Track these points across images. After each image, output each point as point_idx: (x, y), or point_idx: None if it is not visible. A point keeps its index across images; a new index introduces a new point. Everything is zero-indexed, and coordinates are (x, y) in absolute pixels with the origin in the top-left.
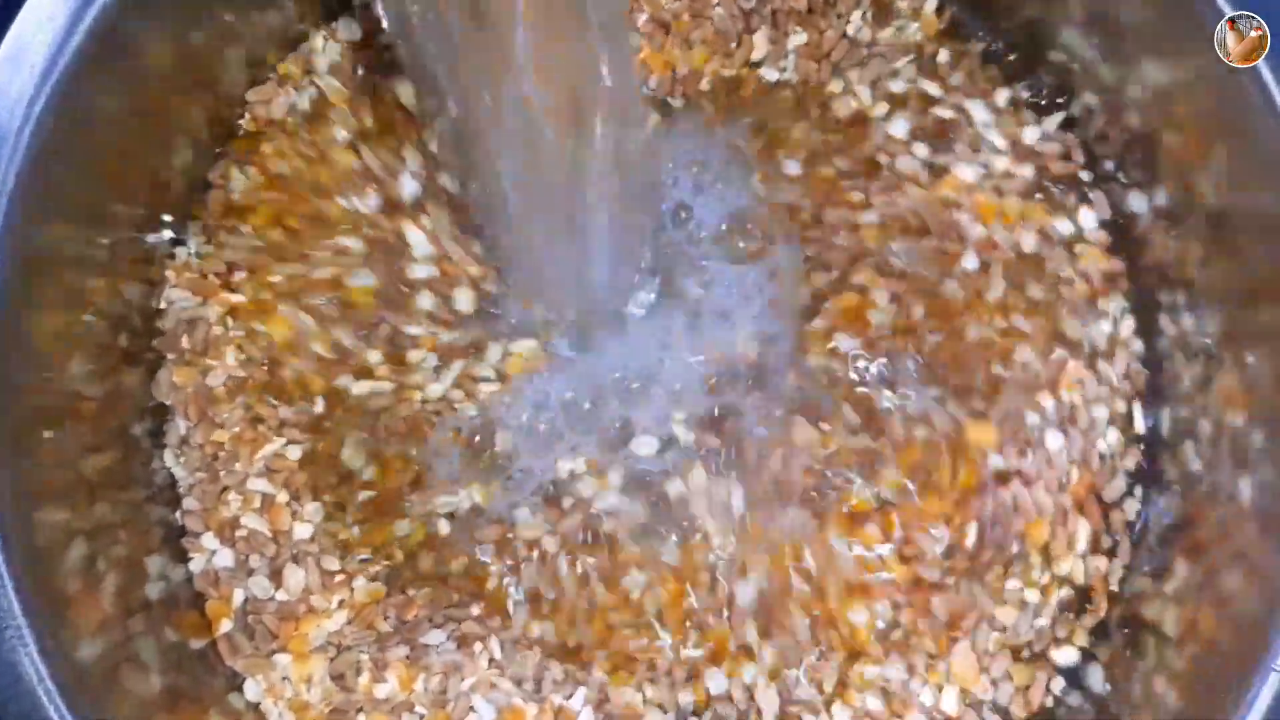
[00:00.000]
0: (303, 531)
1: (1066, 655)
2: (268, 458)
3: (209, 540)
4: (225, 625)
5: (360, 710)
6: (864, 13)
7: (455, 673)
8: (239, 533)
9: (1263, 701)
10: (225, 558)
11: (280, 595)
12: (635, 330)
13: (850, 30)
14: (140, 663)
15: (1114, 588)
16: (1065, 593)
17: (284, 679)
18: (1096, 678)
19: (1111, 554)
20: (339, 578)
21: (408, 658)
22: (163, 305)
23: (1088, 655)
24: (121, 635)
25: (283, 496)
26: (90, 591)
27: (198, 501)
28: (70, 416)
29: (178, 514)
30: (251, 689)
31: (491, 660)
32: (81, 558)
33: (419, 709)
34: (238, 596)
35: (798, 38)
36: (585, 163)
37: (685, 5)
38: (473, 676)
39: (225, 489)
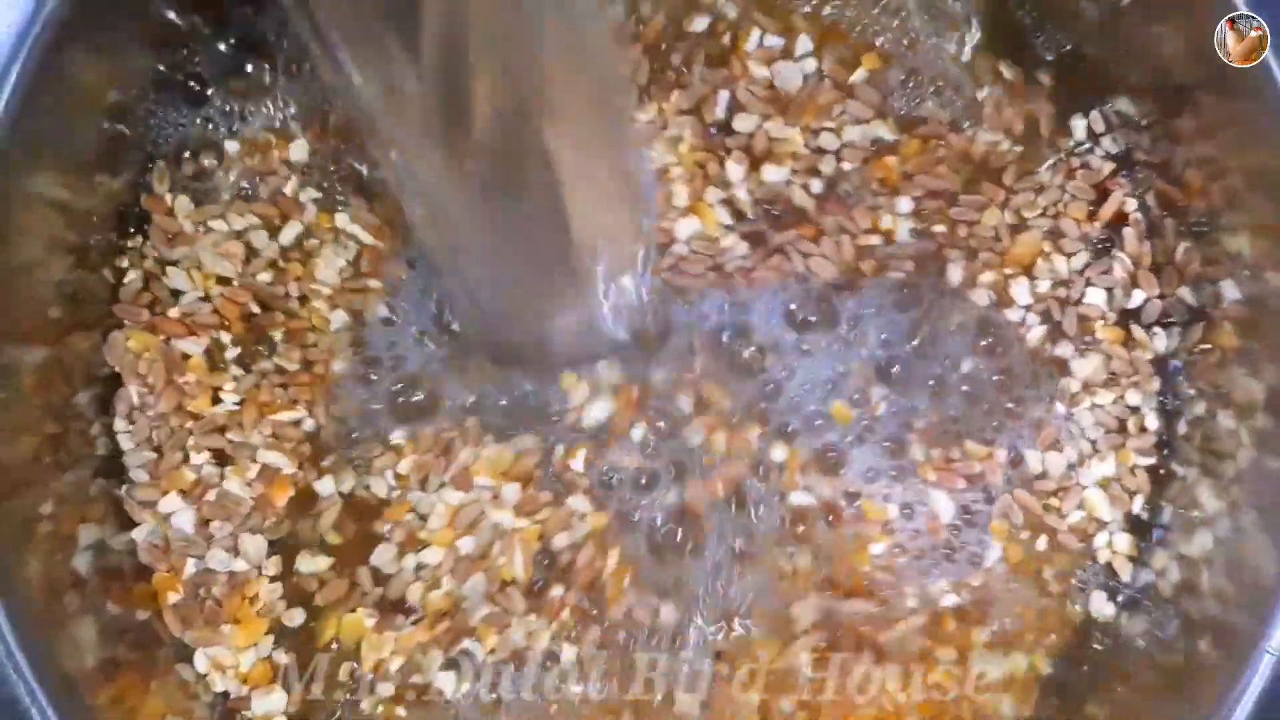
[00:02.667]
0: None
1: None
2: (278, 424)
3: (166, 505)
4: (173, 597)
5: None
6: None
7: None
8: (207, 496)
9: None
10: (184, 520)
11: (237, 565)
12: None
13: None
14: (80, 633)
15: None
16: None
17: (228, 649)
18: None
19: None
20: None
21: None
22: (125, 281)
23: None
24: (59, 602)
25: (289, 469)
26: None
27: (147, 473)
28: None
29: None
30: (201, 661)
31: None
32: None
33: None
34: (189, 568)
35: None
36: None
37: None
38: None
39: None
